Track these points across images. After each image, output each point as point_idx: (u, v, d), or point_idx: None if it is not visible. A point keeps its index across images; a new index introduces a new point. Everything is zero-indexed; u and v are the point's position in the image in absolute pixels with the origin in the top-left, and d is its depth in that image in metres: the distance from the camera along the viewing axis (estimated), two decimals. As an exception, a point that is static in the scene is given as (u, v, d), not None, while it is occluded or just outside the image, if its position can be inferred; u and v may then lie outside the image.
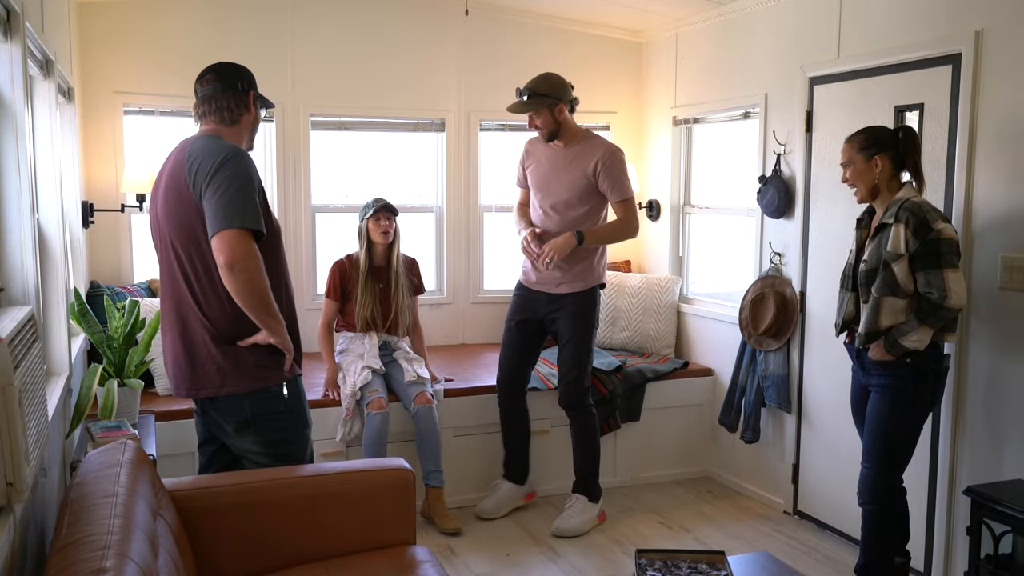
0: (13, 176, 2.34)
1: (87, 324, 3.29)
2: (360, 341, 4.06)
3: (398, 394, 4.01)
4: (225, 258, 2.42)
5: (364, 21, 4.86)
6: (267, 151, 4.76)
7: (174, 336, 2.66)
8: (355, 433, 3.89)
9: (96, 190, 4.34)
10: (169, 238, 2.59)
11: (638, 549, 2.55)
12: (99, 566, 1.53)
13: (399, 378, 4.01)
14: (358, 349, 4.04)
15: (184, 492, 2.38)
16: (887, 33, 3.56)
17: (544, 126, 3.89)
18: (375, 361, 3.97)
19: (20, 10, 2.32)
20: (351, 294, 4.08)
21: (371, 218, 4.03)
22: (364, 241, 4.07)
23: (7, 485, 1.74)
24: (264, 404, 2.64)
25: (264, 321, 2.54)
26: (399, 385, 4.01)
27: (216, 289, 2.55)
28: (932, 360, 2.97)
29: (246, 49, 4.61)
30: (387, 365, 4.06)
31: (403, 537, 2.66)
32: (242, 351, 2.60)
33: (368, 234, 4.05)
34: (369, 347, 4.01)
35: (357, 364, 3.96)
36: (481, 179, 5.16)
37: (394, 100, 4.94)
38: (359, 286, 4.05)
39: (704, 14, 4.68)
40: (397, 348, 4.13)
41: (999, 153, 3.14)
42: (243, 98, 2.69)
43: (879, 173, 3.00)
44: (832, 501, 3.94)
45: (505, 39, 5.13)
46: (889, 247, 2.90)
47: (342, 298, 4.10)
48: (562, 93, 3.88)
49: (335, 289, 4.09)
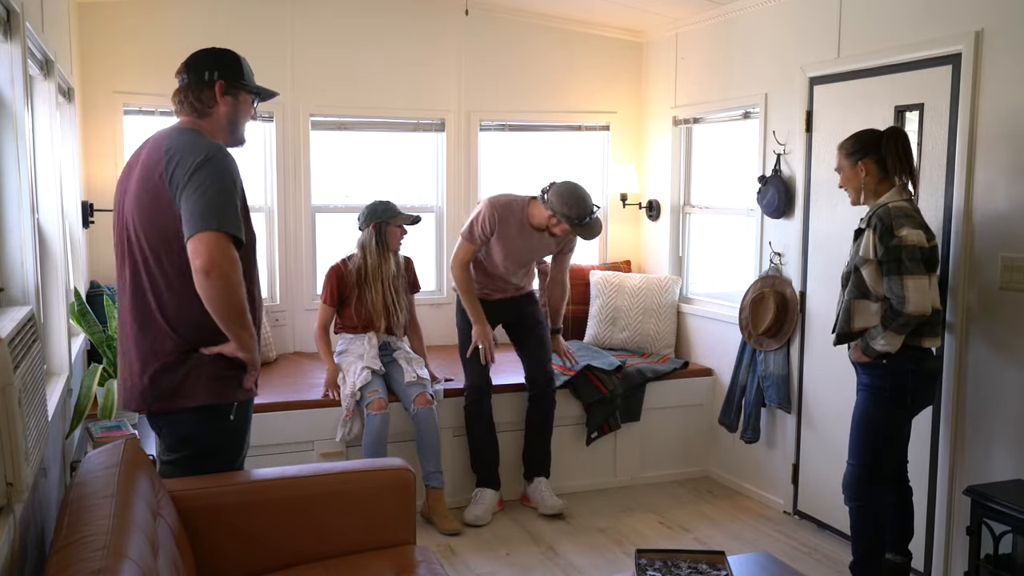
0: (13, 176, 2.34)
1: (87, 324, 3.29)
2: (360, 342, 4.06)
3: (398, 394, 4.01)
4: (202, 262, 2.22)
5: (364, 21, 4.86)
6: (267, 151, 4.76)
7: (127, 341, 2.44)
8: (355, 433, 3.89)
9: (96, 190, 4.33)
10: (135, 235, 2.37)
11: (638, 549, 2.54)
12: (99, 566, 1.53)
13: (399, 378, 4.01)
14: (357, 350, 4.04)
15: (184, 492, 2.38)
16: (887, 33, 3.56)
17: (562, 232, 3.93)
18: (375, 362, 3.97)
19: (20, 10, 2.32)
20: (349, 298, 4.07)
21: (395, 225, 4.03)
22: (377, 243, 4.04)
23: (7, 485, 1.74)
24: (209, 420, 2.44)
25: (235, 332, 2.34)
26: (399, 385, 4.00)
27: (184, 293, 2.34)
28: (910, 361, 3.00)
29: (246, 49, 4.57)
30: (387, 365, 4.06)
31: (403, 537, 2.66)
32: (203, 361, 2.39)
33: (385, 237, 4.04)
34: (368, 348, 4.01)
35: (357, 364, 3.96)
36: (481, 179, 5.16)
37: (394, 100, 4.94)
38: (367, 283, 4.04)
39: (704, 14, 4.68)
40: (397, 348, 4.13)
41: (999, 153, 3.13)
42: (210, 89, 2.45)
43: (864, 177, 3.06)
44: (832, 501, 3.93)
45: (505, 39, 5.13)
46: (860, 251, 3.00)
47: (339, 303, 4.09)
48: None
49: (332, 295, 4.08)
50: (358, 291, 4.05)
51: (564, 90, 5.27)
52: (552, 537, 3.93)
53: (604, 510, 4.24)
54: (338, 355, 4.11)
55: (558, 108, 5.27)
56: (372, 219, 4.04)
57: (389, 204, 4.06)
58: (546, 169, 5.36)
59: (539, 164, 5.36)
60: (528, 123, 5.28)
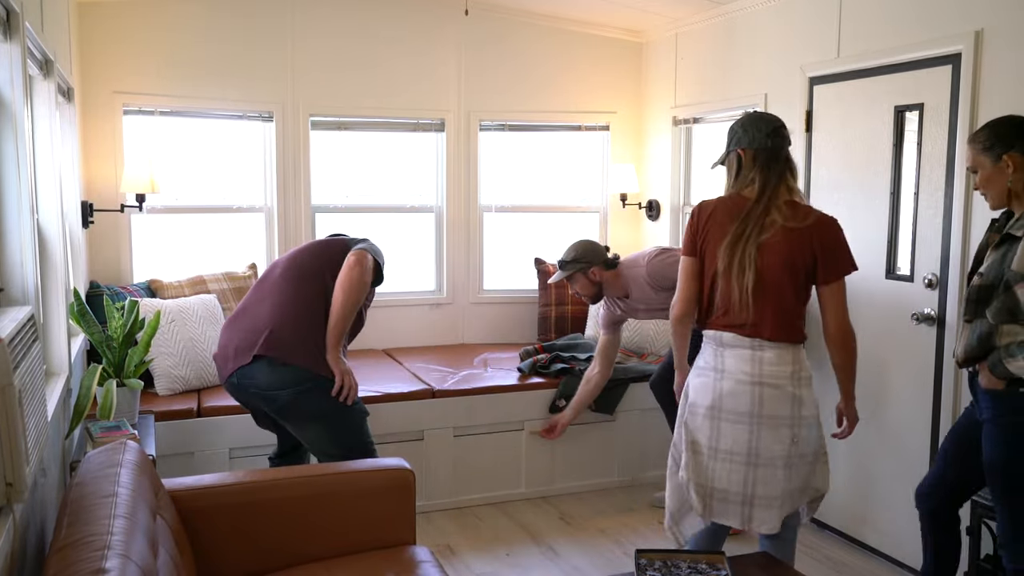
0: (13, 176, 2.34)
1: (87, 324, 3.29)
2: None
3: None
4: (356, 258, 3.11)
5: (364, 21, 4.85)
6: (267, 151, 4.76)
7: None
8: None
9: (96, 190, 4.34)
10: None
11: (638, 549, 2.54)
12: (99, 566, 1.53)
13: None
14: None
15: (184, 492, 2.38)
16: (887, 33, 3.56)
17: (583, 291, 3.96)
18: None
19: (20, 10, 2.31)
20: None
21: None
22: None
23: (7, 485, 1.74)
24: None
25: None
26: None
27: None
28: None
29: (246, 49, 4.62)
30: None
31: (403, 537, 2.66)
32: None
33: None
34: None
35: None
36: (481, 179, 5.16)
37: (394, 100, 4.94)
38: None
39: (704, 14, 4.68)
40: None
41: (999, 153, 3.13)
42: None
43: (1013, 174, 2.49)
44: (832, 502, 3.93)
45: (505, 39, 5.13)
46: (1015, 265, 2.40)
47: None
48: (592, 256, 3.89)
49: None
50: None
51: (564, 90, 5.27)
52: (552, 537, 3.93)
53: (604, 510, 4.24)
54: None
55: (558, 108, 5.27)
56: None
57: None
58: (546, 169, 5.38)
59: (539, 164, 5.37)
60: (528, 123, 5.28)
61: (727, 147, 2.81)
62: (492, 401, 4.18)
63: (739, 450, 2.63)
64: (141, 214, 4.37)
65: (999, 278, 2.44)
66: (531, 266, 5.18)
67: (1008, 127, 2.53)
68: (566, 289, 5.03)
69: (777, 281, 2.59)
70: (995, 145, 2.52)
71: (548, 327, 5.03)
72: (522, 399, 4.26)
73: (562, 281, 4.14)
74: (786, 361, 2.62)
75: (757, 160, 2.67)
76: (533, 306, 5.20)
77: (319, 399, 3.13)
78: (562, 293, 5.02)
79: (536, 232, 5.37)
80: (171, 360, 3.87)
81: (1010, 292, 2.40)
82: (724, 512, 2.69)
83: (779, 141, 2.69)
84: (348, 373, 3.16)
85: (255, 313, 3.22)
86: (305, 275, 3.24)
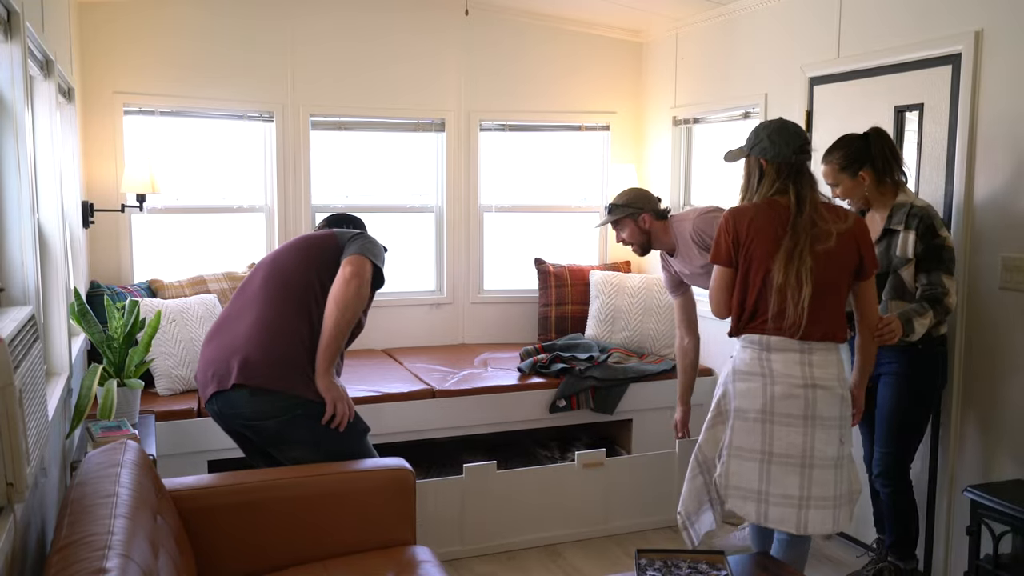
0: (13, 176, 2.34)
1: (87, 324, 3.29)
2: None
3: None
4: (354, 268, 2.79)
5: (364, 21, 4.86)
6: (267, 151, 4.76)
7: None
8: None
9: (96, 190, 4.34)
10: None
11: (638, 549, 2.54)
12: (99, 566, 1.53)
13: None
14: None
15: (184, 492, 2.38)
16: (887, 33, 3.56)
17: (631, 238, 3.69)
18: None
19: (20, 10, 2.32)
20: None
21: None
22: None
23: (7, 485, 1.74)
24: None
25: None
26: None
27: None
28: (941, 344, 3.11)
29: (246, 49, 4.62)
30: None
31: (403, 537, 2.66)
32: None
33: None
34: None
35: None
36: (481, 179, 5.16)
37: (394, 100, 4.94)
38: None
39: (704, 14, 4.68)
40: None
41: (999, 153, 3.13)
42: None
43: (867, 185, 3.10)
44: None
45: (505, 39, 5.13)
46: (898, 252, 3.03)
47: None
48: (644, 203, 3.65)
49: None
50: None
51: (564, 90, 5.27)
52: (552, 537, 3.92)
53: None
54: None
55: (558, 108, 5.27)
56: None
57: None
58: (546, 169, 5.38)
59: (539, 164, 5.37)
60: (528, 123, 5.28)
61: (748, 147, 2.84)
62: (492, 401, 4.17)
63: (794, 452, 2.69)
64: (141, 214, 4.38)
65: (888, 265, 3.03)
66: (531, 266, 5.18)
67: (859, 150, 3.08)
68: (566, 289, 5.04)
69: (833, 286, 2.71)
70: (851, 164, 3.08)
71: (548, 327, 5.03)
72: (522, 399, 4.26)
73: (608, 227, 3.76)
74: (832, 363, 2.74)
75: (782, 173, 2.75)
76: (533, 306, 5.21)
77: (310, 427, 2.79)
78: (562, 293, 5.03)
79: (536, 232, 5.38)
80: (171, 360, 3.87)
81: (897, 275, 3.02)
82: (781, 517, 2.71)
83: (803, 157, 2.77)
84: (341, 399, 2.79)
85: (233, 330, 2.89)
86: (289, 283, 2.90)
